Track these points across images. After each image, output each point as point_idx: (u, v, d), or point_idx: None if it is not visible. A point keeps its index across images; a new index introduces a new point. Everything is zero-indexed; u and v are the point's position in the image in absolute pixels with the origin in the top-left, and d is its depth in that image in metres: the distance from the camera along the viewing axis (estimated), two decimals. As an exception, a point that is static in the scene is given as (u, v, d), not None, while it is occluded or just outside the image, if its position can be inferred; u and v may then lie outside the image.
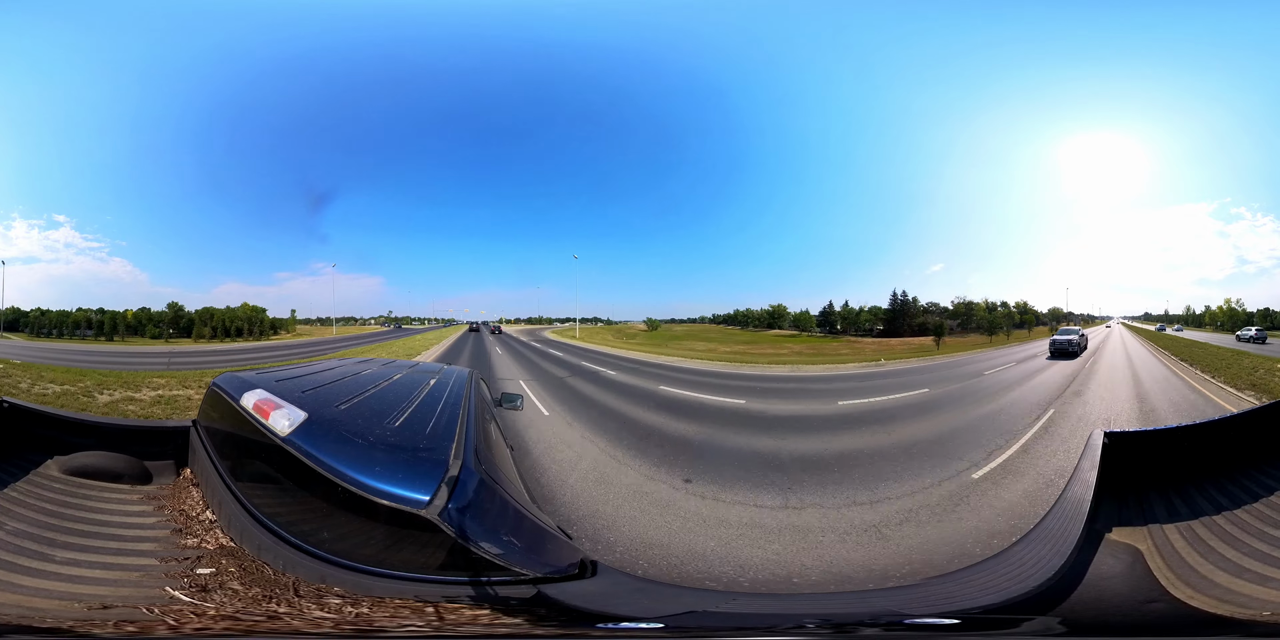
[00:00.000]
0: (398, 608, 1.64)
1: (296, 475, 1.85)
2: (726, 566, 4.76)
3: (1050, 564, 2.33)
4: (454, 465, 1.80)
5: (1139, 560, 2.57)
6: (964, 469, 7.35)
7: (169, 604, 1.77)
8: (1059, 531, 2.61)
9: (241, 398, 2.28)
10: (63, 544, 2.19)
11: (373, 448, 1.93)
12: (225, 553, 2.07)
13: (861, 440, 9.48)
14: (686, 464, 7.93)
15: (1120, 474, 3.02)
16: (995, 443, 8.61)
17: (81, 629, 1.64)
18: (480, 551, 1.68)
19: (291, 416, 2.01)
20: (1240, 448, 3.27)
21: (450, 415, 2.43)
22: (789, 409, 12.78)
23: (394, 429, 2.15)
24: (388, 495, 1.65)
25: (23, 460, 2.83)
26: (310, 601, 1.70)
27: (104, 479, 2.81)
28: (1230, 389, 11.75)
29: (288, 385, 2.60)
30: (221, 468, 2.38)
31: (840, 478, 7.25)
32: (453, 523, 1.63)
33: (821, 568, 4.79)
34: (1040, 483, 6.60)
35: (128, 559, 2.12)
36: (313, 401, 2.32)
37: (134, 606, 1.76)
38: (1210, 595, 2.24)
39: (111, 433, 3.15)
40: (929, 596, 2.53)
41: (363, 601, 1.67)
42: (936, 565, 4.67)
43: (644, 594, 2.26)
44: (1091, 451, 3.10)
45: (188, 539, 2.25)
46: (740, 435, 9.95)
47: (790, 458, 8.36)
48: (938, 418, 10.94)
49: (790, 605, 2.79)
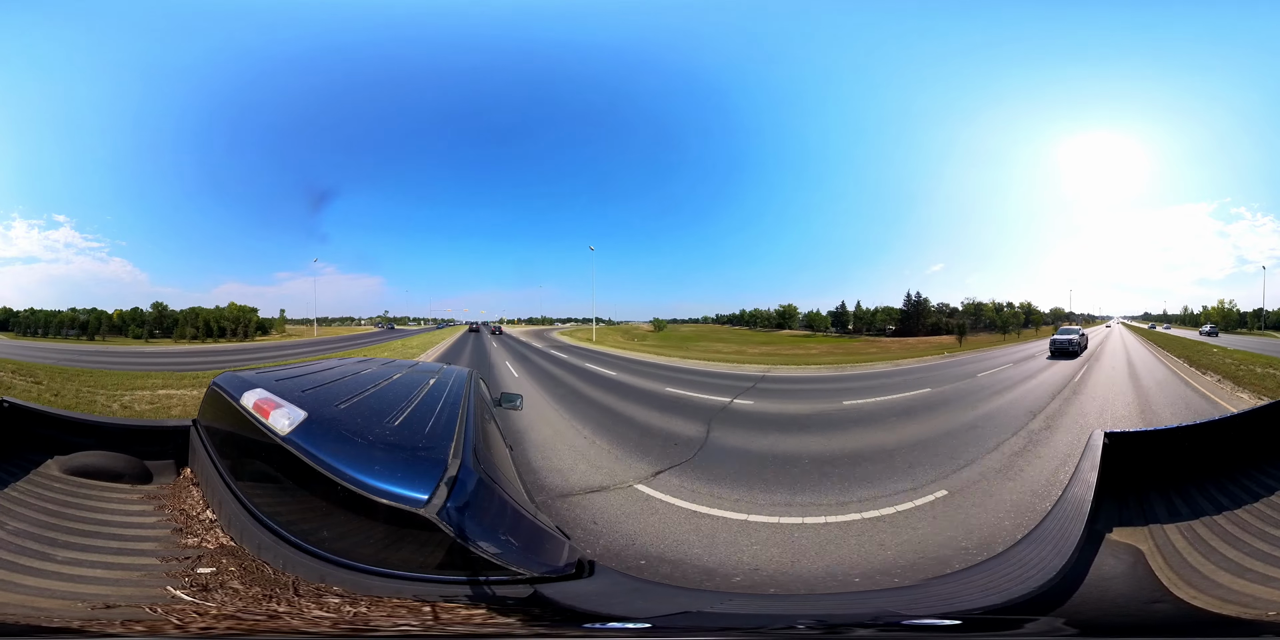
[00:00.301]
0: (395, 607, 1.65)
1: (296, 474, 1.86)
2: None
3: (1051, 564, 2.32)
4: (453, 464, 1.81)
5: (1140, 560, 2.56)
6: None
7: (171, 603, 1.77)
8: (1059, 532, 2.60)
9: (241, 397, 2.29)
10: (64, 543, 2.19)
11: (372, 447, 1.94)
12: (225, 552, 2.07)
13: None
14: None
15: (1121, 474, 3.01)
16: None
17: (91, 628, 1.65)
18: (478, 551, 1.68)
19: (291, 416, 2.01)
20: (1241, 447, 3.27)
21: (449, 415, 2.44)
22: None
23: (393, 428, 2.16)
24: (387, 494, 1.65)
25: (23, 460, 2.83)
26: (310, 601, 1.70)
27: (104, 478, 2.81)
28: (1180, 360, 18.29)
29: (287, 385, 2.61)
30: (221, 467, 2.39)
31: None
32: (451, 522, 1.63)
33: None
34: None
35: (129, 558, 2.12)
36: (312, 401, 2.32)
37: (137, 606, 1.76)
38: (1214, 595, 2.23)
39: (112, 432, 3.15)
40: (928, 597, 2.52)
41: (361, 601, 1.67)
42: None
43: (639, 594, 2.26)
44: (1092, 452, 3.09)
45: (188, 538, 2.25)
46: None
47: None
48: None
49: (786, 606, 2.79)
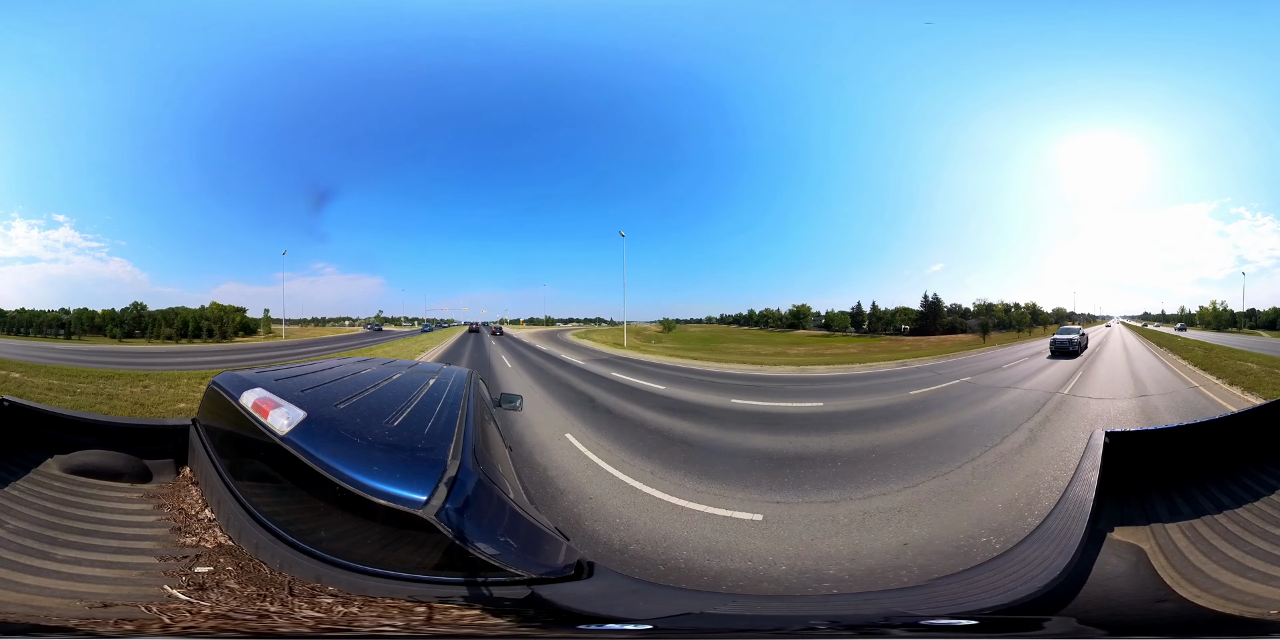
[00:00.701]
0: (388, 607, 1.64)
1: (295, 474, 1.86)
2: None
3: (1055, 564, 2.33)
4: (452, 465, 1.80)
5: (1143, 560, 2.57)
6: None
7: (167, 602, 1.77)
8: (1062, 531, 2.61)
9: (241, 396, 2.29)
10: (63, 542, 2.19)
11: (371, 447, 1.93)
12: (223, 551, 2.08)
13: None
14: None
15: (1122, 473, 3.02)
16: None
17: (85, 627, 1.65)
18: (476, 552, 1.67)
19: (290, 415, 2.01)
20: (1241, 446, 3.28)
21: (449, 415, 2.43)
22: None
23: (392, 428, 2.15)
24: (385, 495, 1.65)
25: (23, 458, 2.84)
26: (303, 600, 1.70)
27: (104, 477, 2.81)
28: (1161, 348, 21.08)
29: (287, 384, 2.61)
30: (220, 466, 2.39)
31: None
32: (449, 523, 1.63)
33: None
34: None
35: (127, 557, 2.13)
36: (311, 400, 2.32)
37: (133, 605, 1.76)
38: (1216, 594, 2.24)
39: (112, 431, 3.15)
40: (936, 597, 2.51)
41: (354, 601, 1.67)
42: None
43: (640, 596, 2.25)
44: (1093, 451, 3.10)
45: (186, 537, 2.25)
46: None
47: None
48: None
49: (794, 607, 2.77)
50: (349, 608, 1.65)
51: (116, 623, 1.66)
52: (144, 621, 1.66)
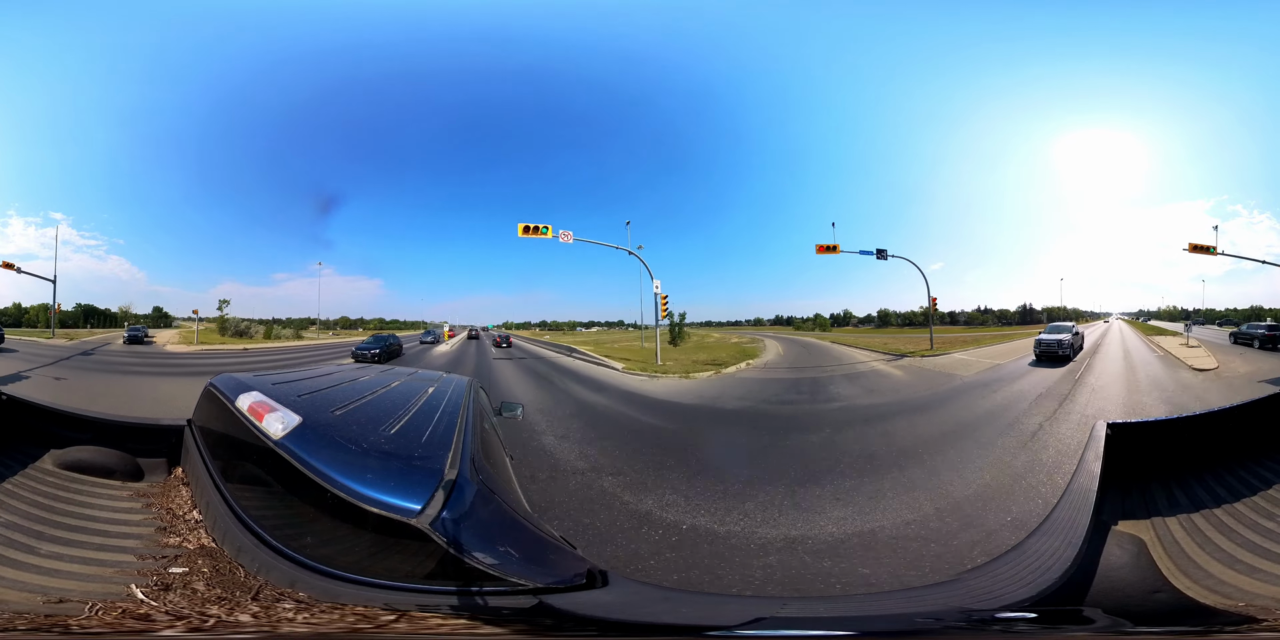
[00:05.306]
0: (360, 616, 1.60)
1: (286, 479, 1.84)
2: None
3: (1064, 556, 2.34)
4: (449, 474, 1.78)
5: (1143, 551, 2.58)
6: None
7: (121, 600, 1.74)
8: (1068, 523, 2.63)
9: (237, 399, 2.28)
10: (50, 537, 2.18)
11: (366, 454, 1.91)
12: (203, 553, 2.05)
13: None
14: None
15: (1124, 465, 3.03)
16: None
17: (42, 623, 1.62)
18: (473, 561, 1.64)
19: (286, 420, 2.00)
20: (1240, 439, 3.28)
21: (448, 423, 2.41)
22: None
23: (389, 436, 2.13)
24: (378, 503, 1.63)
25: (20, 453, 2.83)
26: (260, 605, 1.66)
27: (97, 474, 2.80)
28: (1140, 333, 23.01)
29: (284, 388, 2.60)
30: (212, 468, 2.37)
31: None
32: (445, 532, 1.60)
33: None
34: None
35: (106, 555, 2.11)
36: (308, 406, 2.31)
37: (85, 602, 1.73)
38: (1204, 585, 2.26)
39: (108, 428, 3.15)
40: (974, 591, 2.48)
41: (316, 607, 1.63)
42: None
43: (673, 603, 2.21)
44: (1095, 442, 3.12)
45: (170, 537, 2.23)
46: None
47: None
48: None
49: (847, 608, 2.73)
50: (304, 613, 1.61)
51: (45, 617, 1.62)
52: (84, 620, 1.63)
